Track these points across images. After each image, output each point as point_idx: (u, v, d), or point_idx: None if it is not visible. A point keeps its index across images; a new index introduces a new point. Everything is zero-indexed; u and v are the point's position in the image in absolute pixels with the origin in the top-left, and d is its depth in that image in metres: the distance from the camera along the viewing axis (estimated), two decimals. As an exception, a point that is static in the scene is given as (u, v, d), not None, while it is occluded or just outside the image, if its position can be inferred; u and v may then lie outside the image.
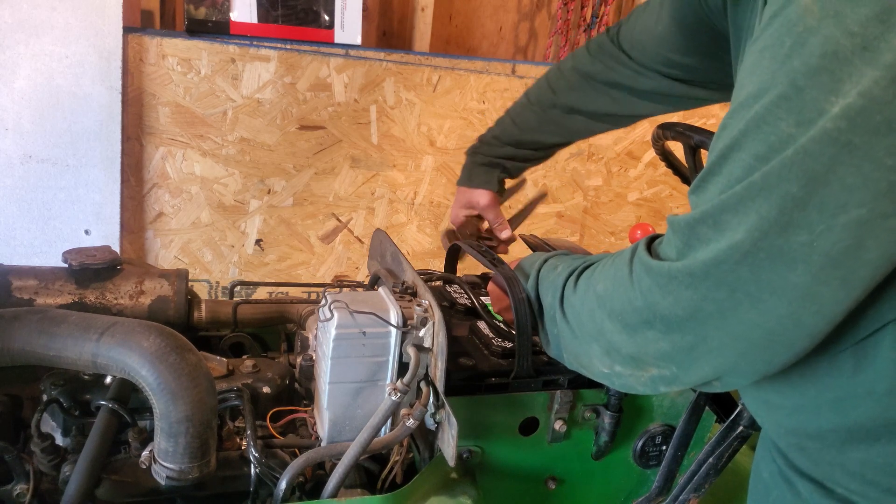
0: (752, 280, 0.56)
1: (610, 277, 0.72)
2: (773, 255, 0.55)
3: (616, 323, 0.69)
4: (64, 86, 1.93)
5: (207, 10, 2.09)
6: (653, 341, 0.66)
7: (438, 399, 0.85)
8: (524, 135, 1.25)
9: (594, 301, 0.74)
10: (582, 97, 1.20)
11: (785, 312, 0.57)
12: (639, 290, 0.66)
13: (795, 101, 0.52)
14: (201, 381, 0.82)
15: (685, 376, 0.67)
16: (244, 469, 0.88)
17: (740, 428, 0.89)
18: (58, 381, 0.95)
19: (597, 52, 1.18)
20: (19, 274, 0.99)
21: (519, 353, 0.91)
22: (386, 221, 2.40)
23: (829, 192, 0.52)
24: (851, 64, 0.50)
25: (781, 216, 0.54)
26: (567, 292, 0.80)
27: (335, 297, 0.87)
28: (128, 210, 2.11)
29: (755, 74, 0.56)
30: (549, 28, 2.93)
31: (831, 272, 0.54)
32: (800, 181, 0.52)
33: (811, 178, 0.52)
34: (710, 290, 0.59)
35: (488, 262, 1.01)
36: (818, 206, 0.52)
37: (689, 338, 0.63)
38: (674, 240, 0.63)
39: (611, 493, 1.08)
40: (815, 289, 0.55)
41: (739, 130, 0.56)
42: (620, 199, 2.65)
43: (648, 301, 0.64)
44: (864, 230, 0.52)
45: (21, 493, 0.82)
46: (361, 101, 2.23)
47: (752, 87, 0.56)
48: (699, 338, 0.62)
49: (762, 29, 0.57)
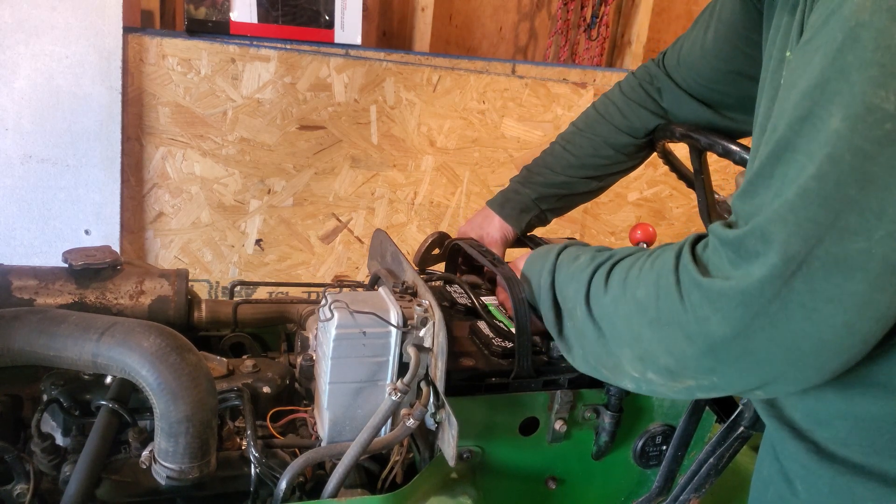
0: (807, 291, 0.54)
1: (652, 283, 0.67)
2: (828, 265, 0.53)
3: (657, 333, 0.66)
4: (64, 86, 1.93)
5: (207, 10, 2.09)
6: (694, 357, 0.63)
7: (438, 399, 0.85)
8: (579, 160, 1.22)
9: (633, 306, 0.70)
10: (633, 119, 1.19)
11: (840, 321, 0.55)
12: (689, 305, 0.62)
13: (847, 97, 0.51)
14: (201, 381, 0.82)
15: (726, 386, 0.65)
16: (244, 469, 0.88)
17: (741, 428, 0.89)
18: (58, 381, 0.95)
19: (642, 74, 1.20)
20: (19, 274, 0.99)
21: (519, 353, 0.91)
22: (386, 221, 2.40)
23: (889, 196, 0.50)
24: None
25: (838, 222, 0.52)
26: (594, 290, 0.77)
27: (335, 297, 0.87)
28: (128, 210, 2.11)
29: (805, 72, 0.55)
30: (549, 28, 2.93)
31: (890, 278, 0.52)
32: (858, 184, 0.51)
33: (869, 181, 0.50)
34: (764, 307, 0.56)
35: (488, 262, 1.01)
36: (877, 210, 0.51)
37: (735, 352, 0.60)
38: (723, 253, 0.60)
39: (611, 493, 1.08)
40: (872, 296, 0.53)
41: (791, 129, 0.55)
42: (620, 199, 2.65)
43: (698, 317, 0.61)
44: None
45: (21, 493, 0.82)
46: (361, 101, 2.22)
47: (803, 85, 0.55)
48: (746, 352, 0.60)
49: (814, 30, 0.55)
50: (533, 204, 1.24)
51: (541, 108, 2.43)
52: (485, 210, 1.28)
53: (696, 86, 1.11)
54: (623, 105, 1.20)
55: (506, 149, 2.44)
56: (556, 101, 2.43)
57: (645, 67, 1.21)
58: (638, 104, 1.18)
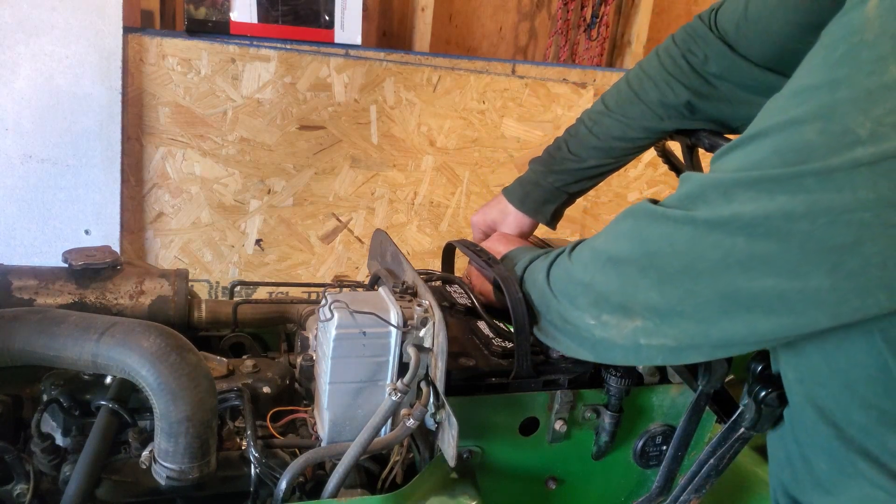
0: (746, 250, 0.59)
1: (611, 231, 0.74)
2: (769, 233, 0.57)
3: (609, 271, 0.71)
4: (64, 86, 1.93)
5: (207, 10, 2.09)
6: (644, 290, 0.68)
7: (438, 399, 0.85)
8: (605, 143, 1.13)
9: (588, 255, 0.76)
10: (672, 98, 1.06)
11: (771, 284, 0.59)
12: (643, 235, 0.68)
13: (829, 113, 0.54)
14: (201, 381, 0.82)
15: (668, 329, 0.69)
16: (244, 469, 0.88)
17: (742, 429, 0.89)
18: (58, 381, 0.95)
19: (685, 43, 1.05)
20: (19, 274, 0.99)
21: (519, 353, 0.90)
22: (386, 221, 2.40)
23: (842, 198, 0.53)
24: (891, 91, 0.50)
25: (789, 206, 0.56)
26: (553, 267, 0.82)
27: (335, 297, 0.87)
28: (128, 210, 2.11)
29: (805, 69, 0.58)
30: (549, 28, 2.93)
31: (823, 256, 0.56)
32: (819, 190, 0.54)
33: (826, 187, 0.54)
34: (706, 250, 0.62)
35: (482, 262, 1.01)
36: (825, 209, 0.54)
37: (678, 291, 0.65)
38: (684, 190, 0.65)
39: (611, 494, 1.08)
40: (802, 268, 0.57)
41: (773, 120, 0.58)
42: (620, 199, 2.64)
43: (648, 245, 0.67)
44: (865, 231, 0.53)
45: (21, 493, 0.82)
46: (361, 101, 2.22)
47: (797, 83, 0.58)
48: (688, 293, 0.65)
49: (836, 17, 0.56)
50: (559, 192, 1.18)
51: (541, 108, 2.42)
52: (501, 203, 1.21)
53: (761, 48, 0.96)
54: (661, 81, 1.06)
55: (506, 149, 2.44)
56: (556, 101, 2.43)
57: (690, 31, 1.04)
58: (678, 80, 1.05)
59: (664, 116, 1.07)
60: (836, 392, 0.68)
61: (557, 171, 1.16)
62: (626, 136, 1.11)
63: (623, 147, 1.13)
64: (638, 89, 1.09)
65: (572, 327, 0.78)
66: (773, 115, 0.59)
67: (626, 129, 1.10)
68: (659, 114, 1.07)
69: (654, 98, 1.07)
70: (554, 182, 1.17)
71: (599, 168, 1.15)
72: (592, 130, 1.13)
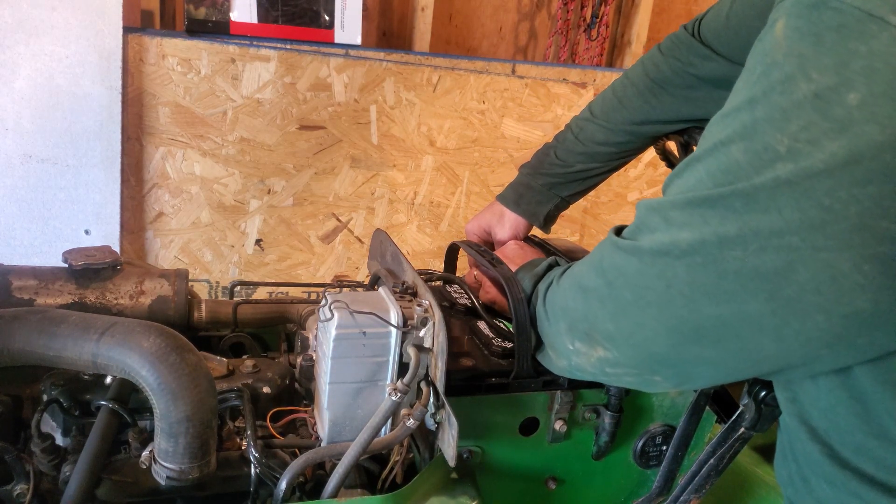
0: (687, 280, 0.60)
1: (587, 258, 0.77)
2: (706, 262, 0.58)
3: (579, 299, 0.74)
4: (64, 86, 1.93)
5: (207, 10, 2.09)
6: (602, 320, 0.70)
7: (438, 399, 0.85)
8: (590, 148, 1.15)
9: (567, 281, 0.79)
10: (655, 105, 1.08)
11: (713, 313, 0.60)
12: (603, 265, 0.70)
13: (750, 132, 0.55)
14: (201, 381, 0.82)
15: (625, 360, 0.70)
16: (244, 469, 0.88)
17: (741, 429, 0.89)
18: (58, 381, 0.95)
19: (670, 50, 1.07)
20: (19, 274, 0.99)
21: (519, 353, 0.91)
22: (386, 221, 2.40)
23: (769, 219, 0.54)
24: (802, 108, 0.52)
25: (721, 229, 0.57)
26: (549, 289, 0.85)
27: (335, 297, 0.87)
28: (128, 210, 2.11)
29: (734, 92, 0.59)
30: (549, 28, 2.93)
31: (759, 284, 0.57)
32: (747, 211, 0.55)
33: (752, 208, 0.55)
34: (652, 281, 0.63)
35: (487, 262, 1.01)
36: (754, 232, 0.55)
37: (629, 323, 0.67)
38: (635, 218, 0.69)
39: (611, 494, 1.08)
40: (739, 296, 0.58)
41: (707, 144, 0.60)
42: (620, 199, 2.64)
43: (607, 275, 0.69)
44: (795, 256, 0.54)
45: (21, 493, 0.82)
46: (361, 101, 2.22)
47: (727, 106, 0.59)
48: (638, 325, 0.66)
49: (755, 41, 0.58)
50: (551, 194, 1.19)
51: (541, 108, 2.43)
52: (495, 207, 1.22)
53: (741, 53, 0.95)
54: (645, 89, 1.08)
55: (506, 149, 2.44)
56: (556, 101, 2.43)
57: (675, 40, 1.07)
58: (660, 86, 1.07)
59: (646, 122, 1.11)
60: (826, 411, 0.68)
61: (545, 173, 1.19)
62: (609, 142, 1.14)
63: (607, 152, 1.15)
64: (622, 96, 1.12)
65: (558, 349, 0.82)
66: (707, 138, 0.61)
67: (608, 135, 1.13)
68: (641, 119, 1.11)
69: (637, 104, 1.10)
70: (544, 183, 1.19)
71: (586, 173, 1.18)
72: (578, 136, 1.16)
